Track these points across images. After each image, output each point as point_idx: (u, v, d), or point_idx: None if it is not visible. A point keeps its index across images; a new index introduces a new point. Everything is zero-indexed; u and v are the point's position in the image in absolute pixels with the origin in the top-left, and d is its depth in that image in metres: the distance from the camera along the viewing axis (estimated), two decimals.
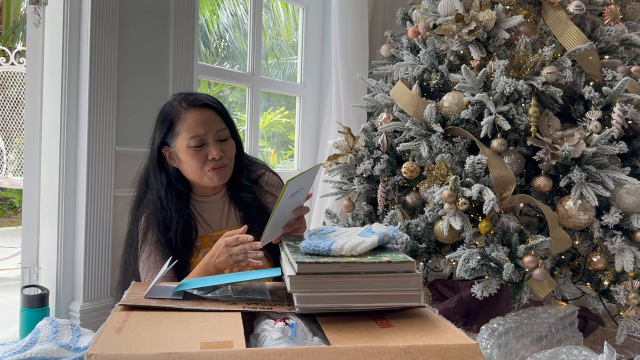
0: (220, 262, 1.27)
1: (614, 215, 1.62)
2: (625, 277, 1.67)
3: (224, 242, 1.27)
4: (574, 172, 1.63)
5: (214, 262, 1.28)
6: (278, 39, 4.16)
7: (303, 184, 1.24)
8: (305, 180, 1.24)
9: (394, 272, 0.96)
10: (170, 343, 0.81)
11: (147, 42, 2.15)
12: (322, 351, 0.79)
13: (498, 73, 1.74)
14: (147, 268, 1.44)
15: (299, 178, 1.19)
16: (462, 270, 1.67)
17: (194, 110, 1.45)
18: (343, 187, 2.11)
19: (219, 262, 1.27)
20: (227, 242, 1.26)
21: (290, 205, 1.26)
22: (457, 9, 1.83)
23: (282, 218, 1.27)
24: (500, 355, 1.60)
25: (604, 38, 1.84)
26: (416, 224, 1.87)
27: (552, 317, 1.71)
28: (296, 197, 1.26)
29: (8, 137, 3.51)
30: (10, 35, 6.21)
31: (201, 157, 1.43)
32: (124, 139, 2.08)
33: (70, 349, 1.37)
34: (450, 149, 1.82)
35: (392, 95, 1.99)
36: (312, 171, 1.25)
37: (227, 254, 1.25)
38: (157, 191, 1.49)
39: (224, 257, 1.26)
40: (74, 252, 2.00)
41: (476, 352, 0.82)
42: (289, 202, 1.23)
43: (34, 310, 1.87)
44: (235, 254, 1.25)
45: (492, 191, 1.63)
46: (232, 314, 0.96)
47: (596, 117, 1.71)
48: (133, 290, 1.10)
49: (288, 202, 1.23)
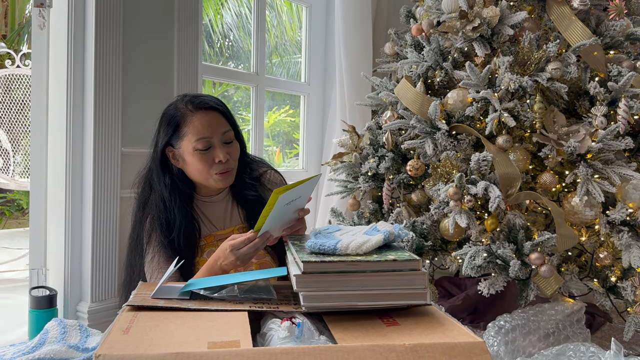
0: (227, 264, 1.27)
1: (620, 211, 1.61)
2: (632, 273, 1.67)
3: (229, 246, 1.26)
4: (580, 168, 1.63)
5: (219, 265, 1.29)
6: (282, 38, 4.17)
7: (301, 193, 1.22)
8: (303, 190, 1.22)
9: (400, 271, 0.96)
10: (177, 343, 0.81)
11: (151, 43, 2.15)
12: (329, 350, 0.80)
13: (502, 69, 1.74)
14: (152, 270, 1.45)
15: (292, 190, 1.16)
16: (469, 268, 1.66)
17: (200, 113, 1.45)
18: (348, 185, 2.11)
19: (225, 265, 1.28)
20: (232, 245, 1.26)
21: (287, 210, 1.24)
22: (461, 6, 1.83)
23: (279, 220, 1.26)
24: (507, 352, 1.60)
25: (609, 33, 1.83)
26: (422, 221, 1.87)
27: (559, 313, 1.71)
28: (295, 204, 1.25)
29: (15, 139, 3.52)
30: (16, 37, 6.23)
31: (208, 160, 1.44)
32: (130, 139, 2.08)
33: (78, 350, 1.38)
34: (455, 146, 1.82)
35: (397, 93, 1.99)
36: (311, 181, 1.24)
37: (234, 257, 1.25)
38: (160, 192, 1.49)
39: (231, 260, 1.26)
40: (81, 253, 2.01)
41: (483, 350, 0.82)
42: (284, 210, 1.22)
43: (42, 311, 1.88)
44: (244, 254, 1.25)
45: (497, 188, 1.63)
46: (239, 313, 0.96)
47: (602, 113, 1.70)
48: (140, 291, 1.10)
49: (284, 210, 1.21)
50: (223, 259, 1.27)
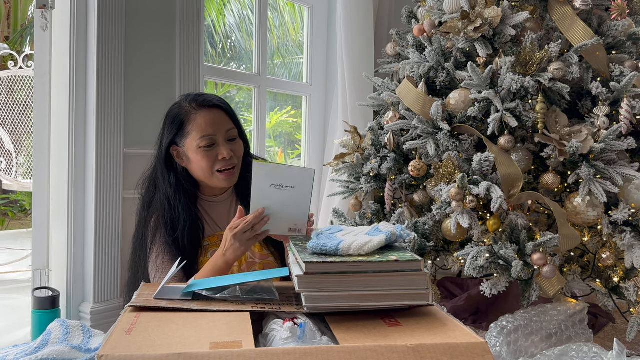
0: (230, 252, 1.29)
1: (623, 212, 1.61)
2: (635, 273, 1.67)
3: (228, 230, 1.29)
4: (582, 168, 1.62)
5: (223, 254, 1.30)
6: (284, 39, 4.17)
7: (292, 182, 1.23)
8: (293, 179, 1.23)
9: (402, 271, 0.96)
10: (179, 343, 0.82)
11: (153, 44, 2.16)
12: (331, 350, 0.80)
13: (504, 70, 1.73)
14: (156, 269, 1.45)
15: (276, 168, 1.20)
16: (471, 268, 1.66)
17: (204, 111, 1.47)
18: (350, 186, 2.11)
19: (228, 253, 1.29)
20: (230, 228, 1.29)
21: (278, 196, 1.24)
22: (463, 6, 1.83)
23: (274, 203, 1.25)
24: (510, 352, 1.60)
25: (611, 33, 1.83)
26: (424, 222, 1.87)
27: (562, 314, 1.70)
28: (290, 193, 1.24)
29: (17, 140, 3.54)
30: (19, 39, 6.25)
31: (211, 157, 1.45)
32: (132, 140, 2.09)
33: (81, 350, 1.38)
34: (457, 146, 1.82)
35: (398, 94, 1.99)
36: (304, 173, 1.24)
37: (234, 240, 1.27)
38: (165, 191, 1.50)
39: (233, 245, 1.27)
40: (84, 253, 2.02)
41: (484, 350, 0.82)
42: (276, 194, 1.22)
43: (45, 312, 1.89)
44: (242, 232, 1.26)
45: (499, 189, 1.63)
46: (241, 314, 0.97)
47: (604, 113, 1.70)
48: (142, 292, 1.11)
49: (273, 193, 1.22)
50: (225, 248, 1.29)
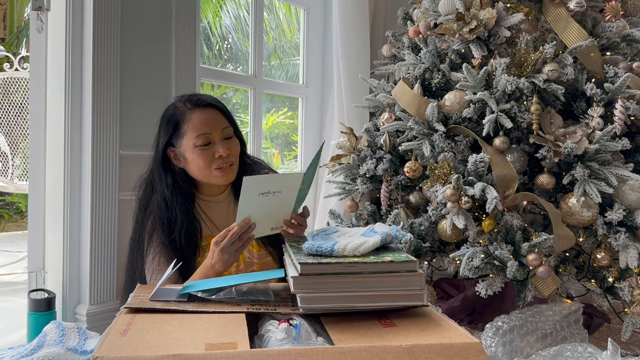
0: (219, 264, 1.27)
1: (617, 212, 1.61)
2: (629, 273, 1.67)
3: (213, 243, 1.27)
4: (577, 169, 1.63)
5: (212, 265, 1.28)
6: (280, 40, 4.17)
7: (279, 187, 1.22)
8: (280, 184, 1.22)
9: (397, 272, 0.96)
10: (175, 345, 0.82)
11: (149, 46, 2.16)
12: (326, 351, 0.80)
13: (499, 71, 1.74)
14: (152, 270, 1.45)
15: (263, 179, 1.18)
16: (466, 269, 1.67)
17: (198, 110, 1.47)
18: (346, 187, 2.11)
19: (218, 266, 1.27)
20: (215, 241, 1.26)
21: (266, 203, 1.23)
22: (458, 8, 1.83)
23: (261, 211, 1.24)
24: (505, 353, 1.60)
25: (605, 34, 1.84)
26: (420, 223, 1.88)
27: (557, 314, 1.71)
28: (277, 200, 1.24)
29: (13, 142, 3.53)
30: (14, 41, 6.23)
31: (208, 155, 1.46)
32: (128, 142, 2.09)
33: (77, 352, 1.38)
34: (453, 147, 1.82)
35: (394, 95, 1.99)
36: (291, 178, 1.24)
37: (222, 254, 1.25)
38: (162, 192, 1.50)
39: (219, 257, 1.26)
40: (80, 255, 2.01)
41: (479, 350, 0.82)
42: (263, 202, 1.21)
43: (40, 314, 1.88)
44: (229, 244, 1.24)
45: (495, 189, 1.64)
46: (237, 315, 0.97)
47: (598, 114, 1.71)
48: (138, 293, 1.11)
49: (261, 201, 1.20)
50: (213, 259, 1.27)
